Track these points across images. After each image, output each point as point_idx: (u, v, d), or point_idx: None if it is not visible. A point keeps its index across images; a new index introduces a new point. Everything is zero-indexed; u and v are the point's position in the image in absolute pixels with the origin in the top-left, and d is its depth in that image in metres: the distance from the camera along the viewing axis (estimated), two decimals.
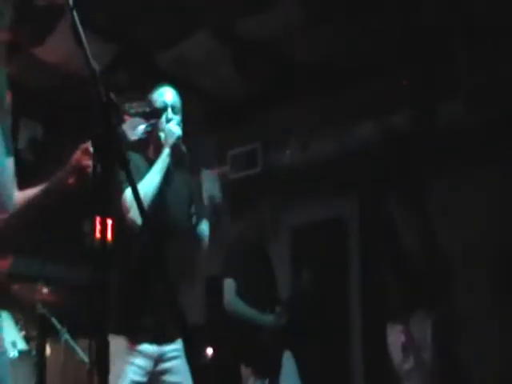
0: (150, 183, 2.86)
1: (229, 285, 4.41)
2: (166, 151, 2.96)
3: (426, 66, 5.19)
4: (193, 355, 1.68)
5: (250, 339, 4.38)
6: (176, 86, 3.18)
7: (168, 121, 3.04)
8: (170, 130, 2.99)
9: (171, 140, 2.97)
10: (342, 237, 6.00)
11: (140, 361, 2.79)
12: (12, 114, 1.95)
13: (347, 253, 5.97)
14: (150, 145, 3.10)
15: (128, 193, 2.71)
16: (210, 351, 5.97)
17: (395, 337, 4.11)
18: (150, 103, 3.02)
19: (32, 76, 5.70)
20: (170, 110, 3.06)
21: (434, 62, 5.16)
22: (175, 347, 2.92)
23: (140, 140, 2.89)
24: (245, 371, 4.31)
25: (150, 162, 3.00)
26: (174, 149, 2.98)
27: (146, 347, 2.81)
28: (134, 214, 2.65)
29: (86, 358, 4.63)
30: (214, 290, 6.75)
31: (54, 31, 4.98)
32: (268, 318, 4.42)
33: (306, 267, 4.74)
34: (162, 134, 3.02)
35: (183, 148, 2.99)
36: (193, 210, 3.12)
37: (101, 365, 1.40)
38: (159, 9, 4.81)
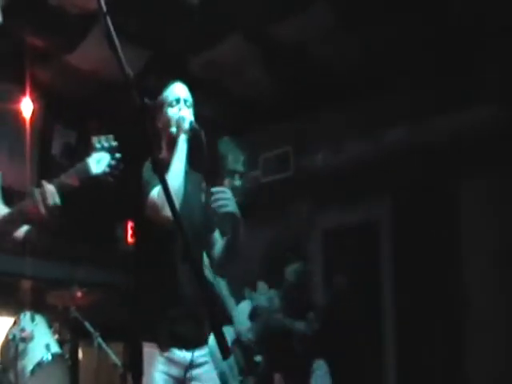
0: (176, 173, 2.78)
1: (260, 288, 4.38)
2: (182, 137, 2.87)
3: (459, 68, 5.14)
4: (226, 358, 1.66)
5: (281, 345, 4.35)
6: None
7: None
8: (181, 117, 2.92)
9: (184, 126, 2.89)
10: (375, 240, 5.93)
11: (170, 369, 2.74)
12: (48, 122, 1.95)
13: (380, 257, 5.91)
14: (161, 148, 3.00)
15: (155, 191, 2.66)
16: None
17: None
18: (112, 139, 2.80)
19: (66, 84, 5.76)
20: (182, 102, 2.99)
21: (467, 65, 5.10)
22: (204, 353, 2.87)
23: (104, 174, 2.69)
24: (276, 376, 4.29)
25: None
26: (191, 133, 2.88)
27: (177, 354, 2.76)
28: (167, 212, 2.23)
29: (118, 362, 4.66)
30: None
31: (86, 38, 5.03)
32: (300, 325, 4.38)
33: (338, 273, 4.70)
34: (173, 129, 2.94)
35: (201, 133, 2.85)
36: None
37: (134, 368, 1.40)
38: (191, 13, 4.83)
